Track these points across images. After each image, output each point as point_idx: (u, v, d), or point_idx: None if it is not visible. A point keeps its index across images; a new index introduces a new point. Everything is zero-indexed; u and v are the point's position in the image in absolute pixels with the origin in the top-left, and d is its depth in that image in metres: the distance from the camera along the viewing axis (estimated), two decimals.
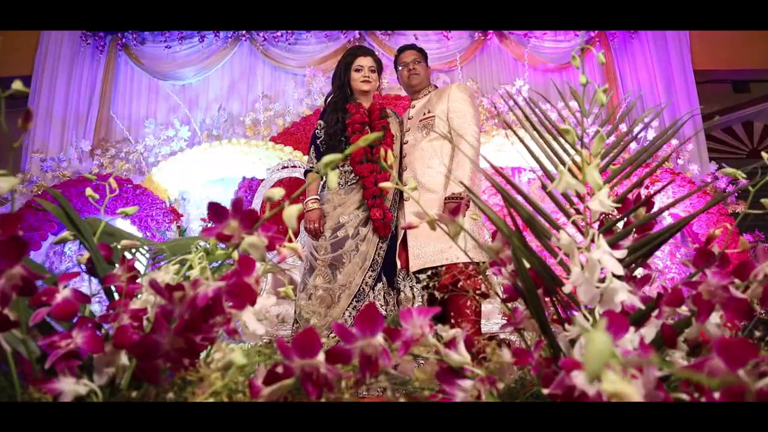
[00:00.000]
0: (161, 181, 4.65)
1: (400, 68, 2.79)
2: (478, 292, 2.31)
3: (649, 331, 0.64)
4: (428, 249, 2.40)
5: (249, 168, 4.71)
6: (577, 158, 0.76)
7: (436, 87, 2.79)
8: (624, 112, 0.78)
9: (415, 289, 2.46)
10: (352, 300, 2.36)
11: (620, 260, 0.64)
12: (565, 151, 0.77)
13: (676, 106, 4.76)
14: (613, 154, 0.76)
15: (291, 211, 0.50)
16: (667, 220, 4.23)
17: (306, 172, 2.63)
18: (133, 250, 0.91)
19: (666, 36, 5.22)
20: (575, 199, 0.79)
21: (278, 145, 4.60)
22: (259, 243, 0.53)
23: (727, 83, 6.43)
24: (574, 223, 0.69)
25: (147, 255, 0.90)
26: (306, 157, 4.11)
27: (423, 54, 2.80)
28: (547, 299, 0.72)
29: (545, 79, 5.13)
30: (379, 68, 2.69)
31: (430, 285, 0.95)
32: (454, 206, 2.33)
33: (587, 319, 0.63)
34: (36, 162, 4.77)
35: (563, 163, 0.75)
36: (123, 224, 4.44)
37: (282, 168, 4.06)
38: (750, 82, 6.49)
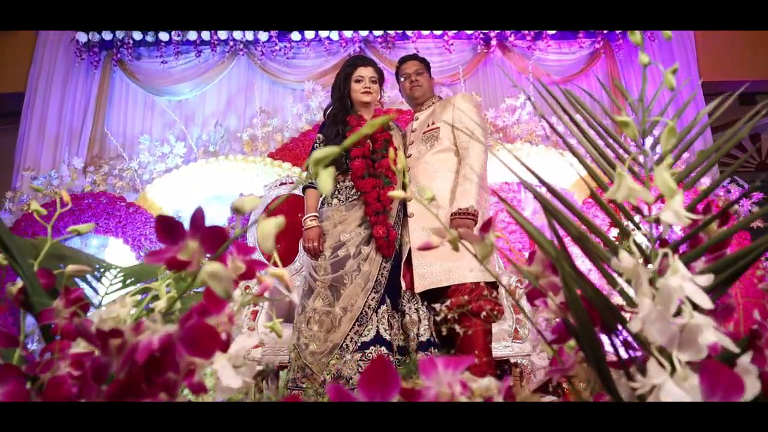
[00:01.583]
0: (156, 198, 4.51)
1: (402, 80, 2.66)
2: (489, 314, 2.15)
3: (748, 383, 0.48)
4: (434, 268, 2.24)
5: (246, 185, 4.56)
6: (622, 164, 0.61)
7: (440, 98, 2.66)
8: (687, 100, 0.63)
9: (420, 311, 2.30)
10: (354, 324, 2.20)
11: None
12: (614, 151, 0.62)
13: (685, 118, 4.63)
14: (676, 154, 0.62)
15: (267, 227, 0.35)
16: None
17: (304, 188, 2.49)
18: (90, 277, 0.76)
19: (672, 47, 5.12)
20: (609, 211, 0.65)
21: (276, 161, 4.47)
22: (223, 273, 0.38)
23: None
24: (634, 241, 0.54)
25: (108, 282, 0.75)
26: (305, 173, 3.98)
27: (426, 64, 2.68)
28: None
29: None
30: (380, 79, 2.57)
31: (449, 317, 0.79)
32: (461, 222, 2.18)
33: (663, 367, 0.48)
34: (27, 180, 4.63)
35: (611, 166, 0.60)
36: (116, 243, 4.29)
37: (280, 184, 3.92)
38: (756, 95, 6.39)
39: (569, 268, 0.50)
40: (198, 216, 0.40)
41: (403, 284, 2.33)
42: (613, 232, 3.57)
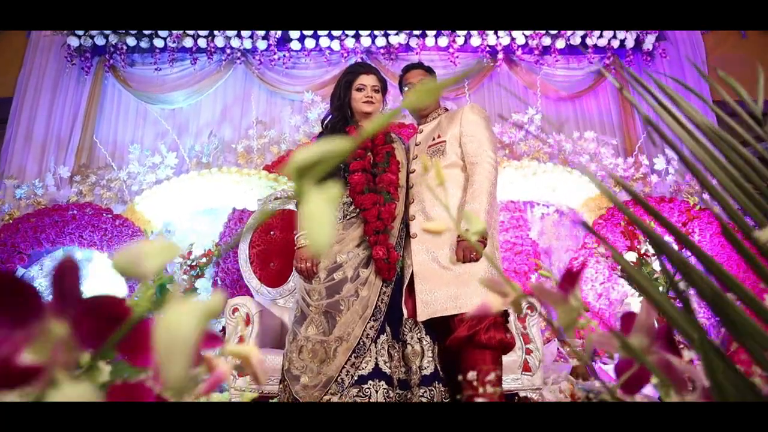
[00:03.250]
0: (144, 211, 4.30)
1: (405, 89, 2.48)
2: (500, 344, 1.94)
3: None
4: (439, 295, 2.04)
5: (240, 198, 4.36)
6: None
7: (446, 110, 2.47)
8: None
9: (424, 342, 2.09)
10: (351, 355, 1.98)
11: None
12: (741, 169, 0.43)
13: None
14: None
15: (177, 323, 0.15)
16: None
17: (298, 203, 2.29)
18: None
19: (683, 65, 4.97)
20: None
21: (272, 175, 4.27)
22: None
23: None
24: None
25: None
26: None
27: (431, 73, 2.50)
28: None
29: (558, 108, 4.84)
30: (383, 88, 2.38)
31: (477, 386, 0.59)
32: (469, 246, 1.99)
33: None
34: (10, 188, 4.42)
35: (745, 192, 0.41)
36: (101, 258, 4.08)
37: (275, 199, 3.72)
38: (766, 115, 6.28)
39: (715, 355, 0.30)
40: (67, 272, 0.20)
41: (405, 312, 2.12)
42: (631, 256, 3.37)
